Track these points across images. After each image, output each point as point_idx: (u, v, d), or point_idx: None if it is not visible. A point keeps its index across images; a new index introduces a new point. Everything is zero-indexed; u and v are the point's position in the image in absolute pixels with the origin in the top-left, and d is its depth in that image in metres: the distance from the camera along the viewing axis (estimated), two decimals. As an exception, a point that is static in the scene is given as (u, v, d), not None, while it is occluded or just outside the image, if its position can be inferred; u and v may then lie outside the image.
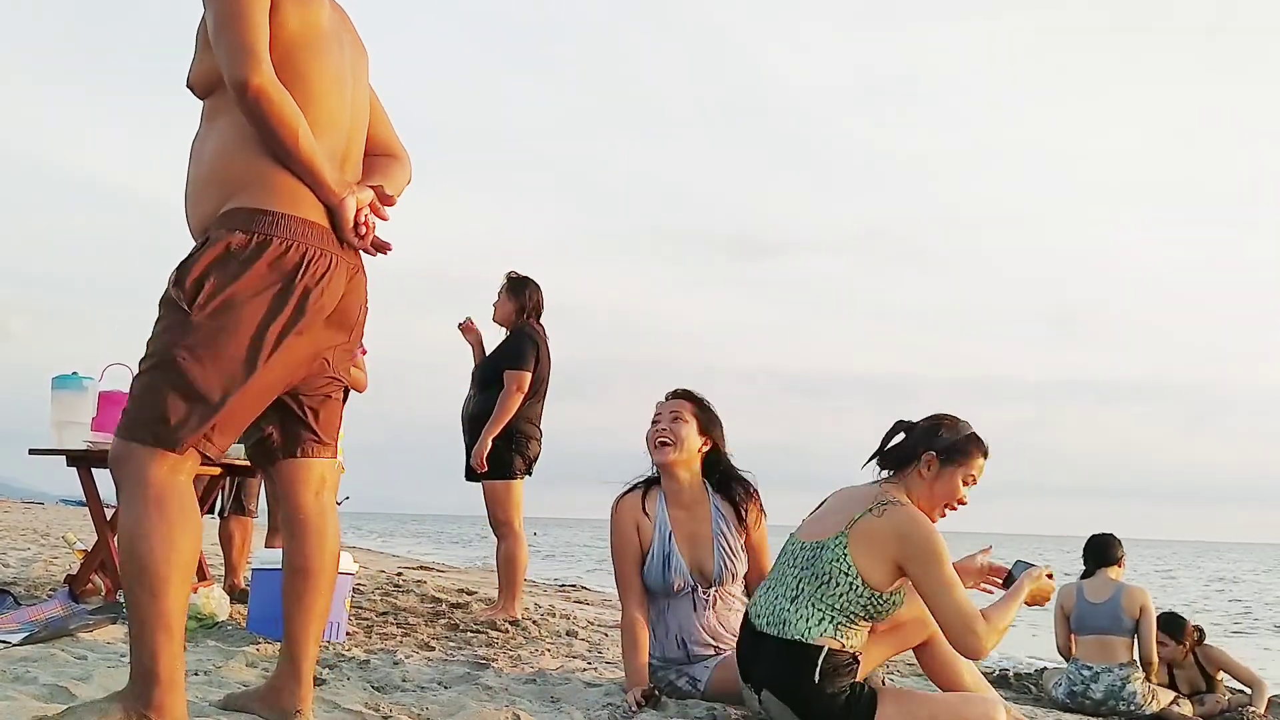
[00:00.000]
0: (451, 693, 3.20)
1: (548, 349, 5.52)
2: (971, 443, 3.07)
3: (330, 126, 2.38)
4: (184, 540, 2.18)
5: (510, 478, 5.39)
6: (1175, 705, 5.50)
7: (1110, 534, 5.82)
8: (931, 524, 2.97)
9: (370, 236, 2.39)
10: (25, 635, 3.51)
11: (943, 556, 2.89)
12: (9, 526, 13.99)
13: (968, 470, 3.06)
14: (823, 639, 2.92)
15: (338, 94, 2.40)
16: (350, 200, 2.34)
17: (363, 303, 2.48)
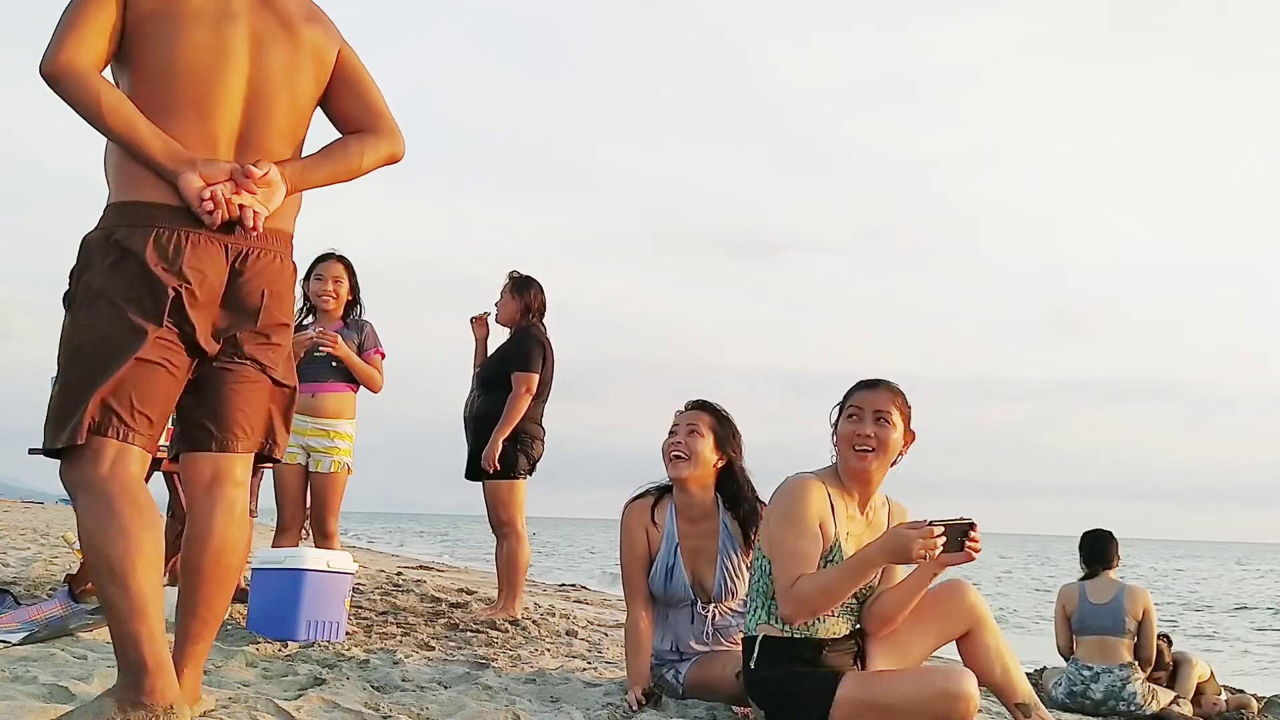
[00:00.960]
0: (451, 692, 3.20)
1: (552, 349, 5.51)
2: (845, 398, 3.13)
3: (194, 107, 2.35)
4: (141, 531, 2.21)
5: (514, 478, 5.39)
6: (1175, 705, 5.50)
7: (1106, 531, 5.83)
8: (790, 485, 3.05)
9: (219, 213, 2.30)
10: (25, 635, 3.51)
11: (784, 518, 2.99)
12: (9, 526, 13.99)
13: (848, 407, 3.09)
14: (759, 628, 3.04)
15: (207, 72, 2.36)
16: (190, 176, 2.29)
17: (268, 287, 2.41)
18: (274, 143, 2.45)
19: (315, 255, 5.14)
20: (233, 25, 2.40)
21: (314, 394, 4.95)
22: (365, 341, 5.09)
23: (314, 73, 2.52)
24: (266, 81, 2.44)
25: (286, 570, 4.07)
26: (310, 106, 2.54)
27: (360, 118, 2.58)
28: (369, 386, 5.11)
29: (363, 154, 2.55)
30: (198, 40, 2.36)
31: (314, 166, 2.49)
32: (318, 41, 2.53)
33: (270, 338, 2.47)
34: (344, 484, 5.09)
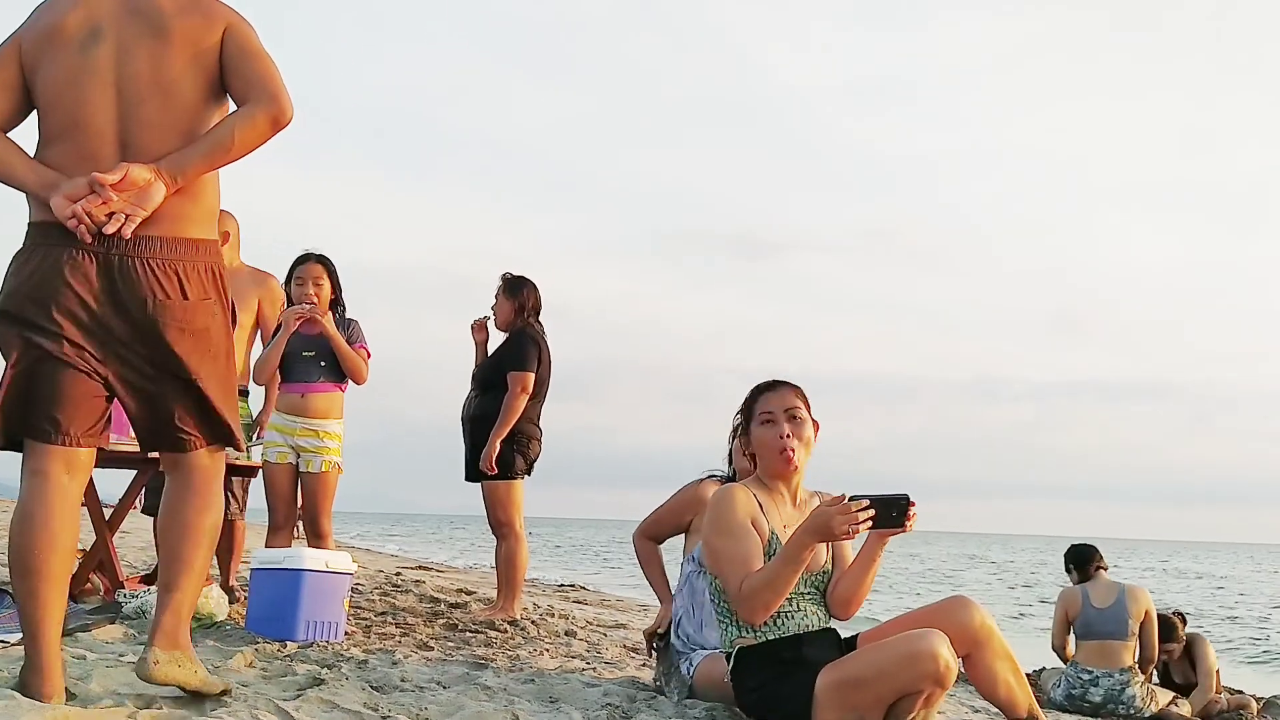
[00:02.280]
0: (450, 693, 3.20)
1: (548, 349, 5.51)
2: (751, 393, 3.17)
3: (70, 130, 2.52)
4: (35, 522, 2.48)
5: (511, 478, 5.39)
6: (1174, 706, 5.51)
7: (1088, 544, 5.91)
8: (718, 496, 3.08)
9: (84, 223, 2.42)
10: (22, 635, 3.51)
11: (715, 524, 3.03)
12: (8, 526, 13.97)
13: (759, 414, 3.11)
14: (734, 641, 3.07)
15: (74, 96, 2.52)
16: (56, 199, 2.43)
17: (153, 298, 2.50)
18: (156, 143, 2.53)
19: (294, 257, 5.12)
20: (98, 43, 2.54)
21: (303, 394, 4.94)
22: (351, 338, 5.07)
23: (192, 61, 2.58)
24: (135, 85, 2.54)
25: (285, 570, 4.06)
26: (195, 94, 2.59)
27: (242, 91, 2.61)
28: (354, 377, 5.07)
29: (233, 130, 2.56)
30: (64, 67, 2.53)
31: (187, 155, 2.53)
32: (192, 30, 2.59)
33: (174, 347, 2.54)
34: (335, 483, 5.08)
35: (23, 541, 2.47)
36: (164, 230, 2.52)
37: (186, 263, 2.55)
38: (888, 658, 2.80)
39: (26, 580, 2.47)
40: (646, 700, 3.37)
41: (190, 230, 2.57)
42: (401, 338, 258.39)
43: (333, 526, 5.16)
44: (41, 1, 2.66)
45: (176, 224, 2.54)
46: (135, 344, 2.53)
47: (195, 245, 2.58)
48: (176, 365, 2.56)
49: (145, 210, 2.45)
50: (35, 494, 2.50)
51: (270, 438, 4.95)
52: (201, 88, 2.60)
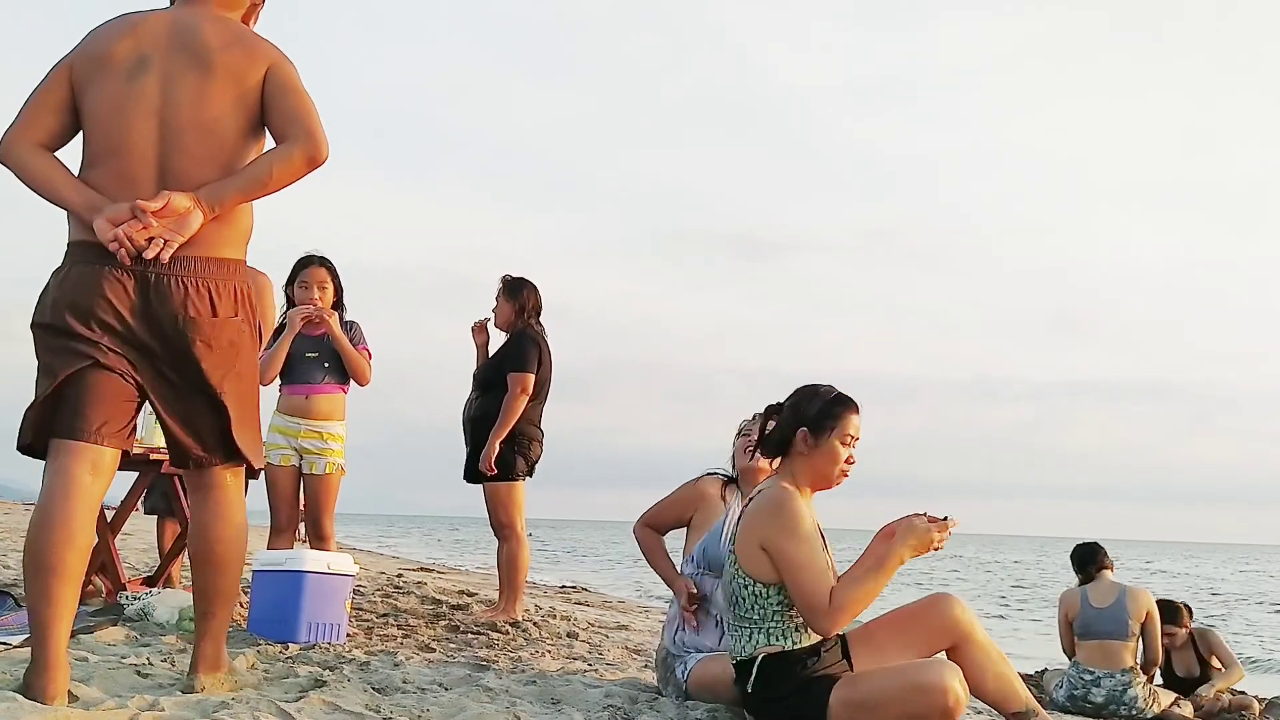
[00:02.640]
0: (452, 694, 3.20)
1: (549, 350, 5.51)
2: (838, 404, 3.08)
3: (112, 154, 2.64)
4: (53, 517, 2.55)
5: (512, 479, 5.39)
6: (1176, 707, 5.50)
7: (1094, 543, 5.89)
8: (780, 502, 2.99)
9: (125, 247, 2.54)
10: (26, 637, 3.51)
11: (787, 533, 2.94)
12: (9, 528, 13.98)
13: (843, 432, 3.06)
14: (758, 650, 2.99)
15: (119, 121, 2.64)
16: (98, 221, 2.56)
17: (182, 314, 2.61)
18: (194, 170, 2.65)
19: (297, 258, 5.12)
20: (144, 72, 2.66)
21: (307, 396, 4.95)
22: (352, 340, 5.08)
23: (234, 95, 2.70)
24: (178, 116, 2.66)
25: (287, 572, 4.06)
26: (236, 127, 2.71)
27: (281, 128, 2.72)
28: (357, 377, 5.08)
29: (271, 165, 2.68)
30: (111, 93, 2.65)
31: (225, 186, 2.64)
32: (236, 65, 2.70)
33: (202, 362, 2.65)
34: (338, 485, 5.08)
35: (40, 538, 2.53)
36: (198, 250, 2.63)
37: (218, 281, 2.67)
38: (900, 685, 2.83)
39: (41, 577, 2.51)
40: (648, 701, 3.37)
41: (222, 251, 2.69)
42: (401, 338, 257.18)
43: (335, 528, 5.17)
44: (92, 28, 2.77)
45: (210, 245, 2.65)
46: (166, 358, 2.64)
47: (226, 265, 2.70)
48: (202, 380, 2.67)
49: (182, 237, 2.57)
50: (57, 491, 2.57)
51: (273, 440, 4.95)
52: (241, 121, 2.71)
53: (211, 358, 2.66)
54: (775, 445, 3.14)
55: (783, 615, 2.99)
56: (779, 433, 3.13)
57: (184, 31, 2.71)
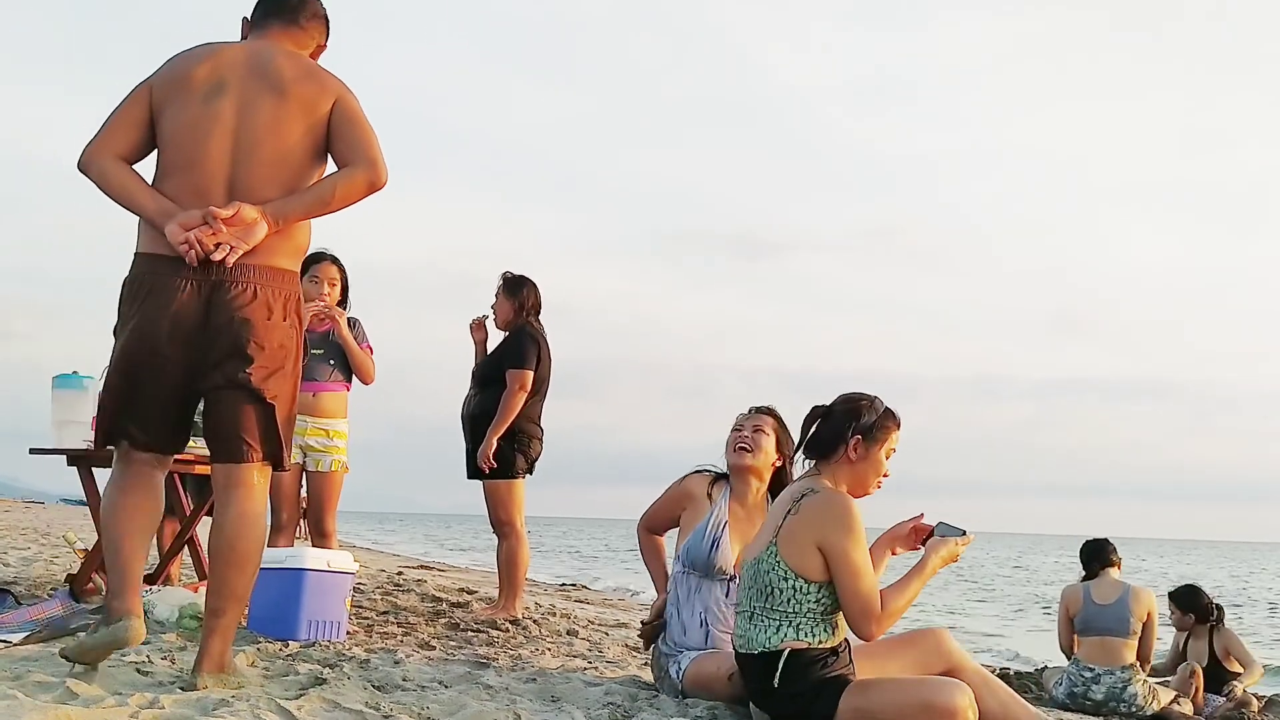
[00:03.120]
0: (452, 692, 3.20)
1: (548, 348, 5.51)
2: (889, 418, 3.18)
3: (186, 167, 2.88)
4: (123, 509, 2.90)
5: (512, 477, 5.39)
6: (1175, 705, 5.51)
7: (1103, 539, 5.88)
8: (847, 507, 3.03)
9: (194, 251, 2.77)
10: (26, 635, 3.51)
11: (853, 539, 2.97)
12: (10, 526, 13.99)
13: (888, 445, 3.17)
14: (784, 643, 3.01)
15: (194, 137, 2.88)
16: (171, 226, 2.79)
17: (238, 314, 2.84)
18: (261, 187, 2.88)
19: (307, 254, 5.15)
20: (222, 96, 2.91)
21: (314, 393, 4.97)
22: (356, 337, 5.11)
23: (304, 122, 2.95)
24: (251, 136, 2.90)
25: (287, 570, 4.06)
26: (303, 151, 2.95)
27: (345, 155, 2.98)
28: (362, 376, 5.12)
29: (335, 187, 2.94)
30: (189, 114, 2.89)
31: (291, 203, 2.90)
32: (308, 96, 2.96)
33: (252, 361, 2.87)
34: (341, 483, 5.11)
35: (114, 521, 2.90)
36: (257, 260, 2.86)
37: (274, 288, 2.90)
38: (908, 701, 2.86)
39: (118, 541, 2.88)
40: (648, 699, 3.38)
41: (279, 261, 2.93)
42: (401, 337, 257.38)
43: (336, 525, 5.18)
44: (176, 53, 3.03)
45: (268, 255, 2.89)
46: (221, 358, 2.86)
47: (282, 274, 2.94)
48: (249, 379, 2.87)
49: (248, 245, 2.81)
50: (127, 485, 2.92)
51: None
52: (308, 146, 2.96)
53: (262, 357, 2.87)
54: (824, 447, 3.17)
55: (816, 613, 3.01)
56: (830, 436, 3.16)
57: (261, 61, 2.97)
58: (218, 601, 2.89)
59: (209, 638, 2.89)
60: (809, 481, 3.14)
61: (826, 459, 3.15)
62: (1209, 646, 6.05)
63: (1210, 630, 6.10)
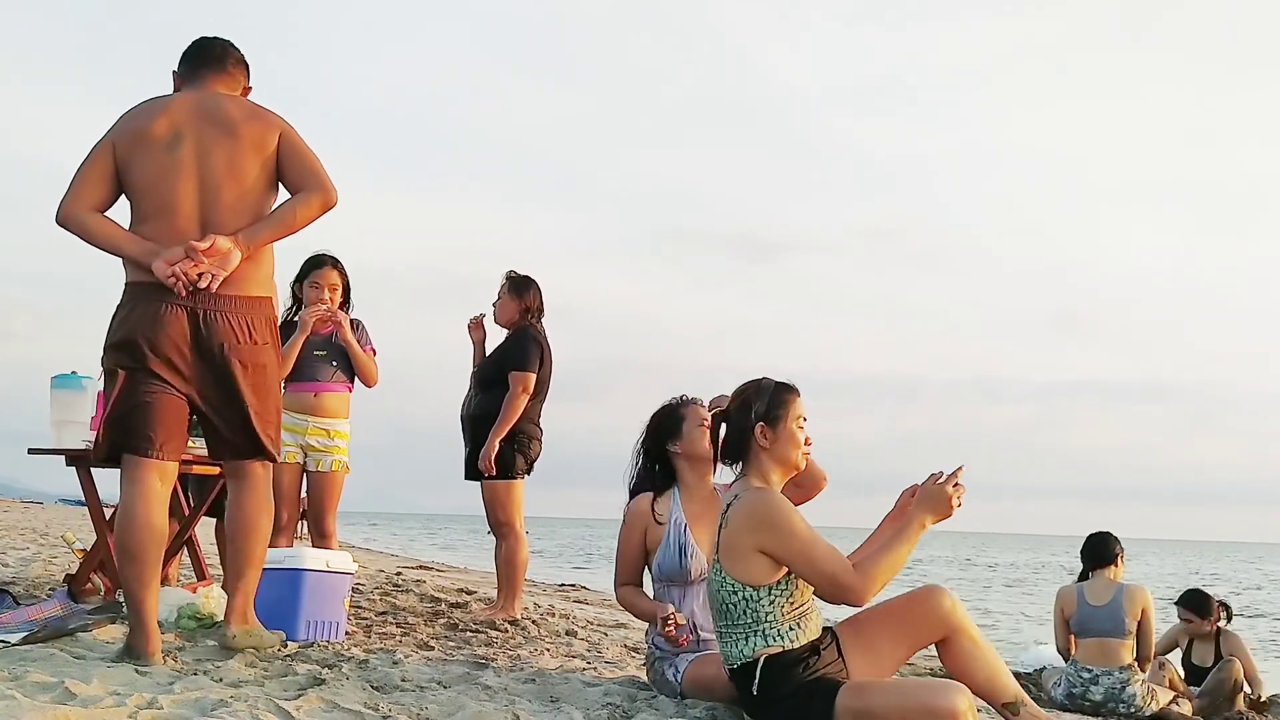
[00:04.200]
0: (451, 692, 3.20)
1: (550, 349, 5.49)
2: (782, 391, 3.15)
3: (161, 212, 3.25)
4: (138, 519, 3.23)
5: (511, 478, 5.37)
6: (1175, 705, 5.51)
7: (1107, 533, 5.83)
8: (768, 502, 3.00)
9: (180, 281, 3.16)
10: (24, 635, 3.51)
11: (789, 527, 2.95)
12: (8, 526, 13.98)
13: (794, 415, 3.13)
14: (757, 652, 2.99)
15: (164, 186, 3.25)
16: (157, 262, 3.17)
17: (226, 343, 3.26)
18: (229, 220, 3.27)
19: (307, 256, 5.15)
20: (181, 145, 3.27)
21: (316, 394, 4.98)
22: (360, 339, 5.12)
23: (257, 160, 3.33)
24: (212, 178, 3.28)
25: (286, 570, 4.06)
26: (259, 184, 3.34)
27: (297, 182, 3.38)
28: (366, 380, 5.13)
29: (295, 210, 3.36)
30: (155, 164, 3.26)
31: (258, 229, 3.30)
32: (256, 135, 3.34)
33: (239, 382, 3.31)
34: (342, 483, 5.12)
35: (127, 536, 3.23)
36: (236, 290, 3.27)
37: (253, 315, 3.33)
38: (908, 704, 2.83)
39: (132, 565, 3.23)
40: (647, 700, 3.37)
41: (254, 290, 3.35)
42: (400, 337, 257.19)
43: (336, 526, 5.18)
44: (128, 110, 3.37)
45: (245, 286, 3.30)
46: (210, 376, 3.29)
47: (259, 301, 3.37)
48: (236, 393, 3.32)
49: (226, 271, 3.20)
50: (136, 498, 3.25)
51: None
52: (263, 179, 3.35)
53: (247, 376, 3.32)
54: (736, 448, 3.16)
55: (776, 615, 2.98)
56: (736, 435, 3.15)
57: (209, 109, 3.34)
58: (237, 567, 3.45)
59: (233, 597, 3.45)
60: (736, 486, 3.12)
61: (745, 458, 3.14)
62: (1215, 647, 6.06)
63: (1217, 631, 6.11)
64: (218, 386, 3.30)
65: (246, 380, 3.32)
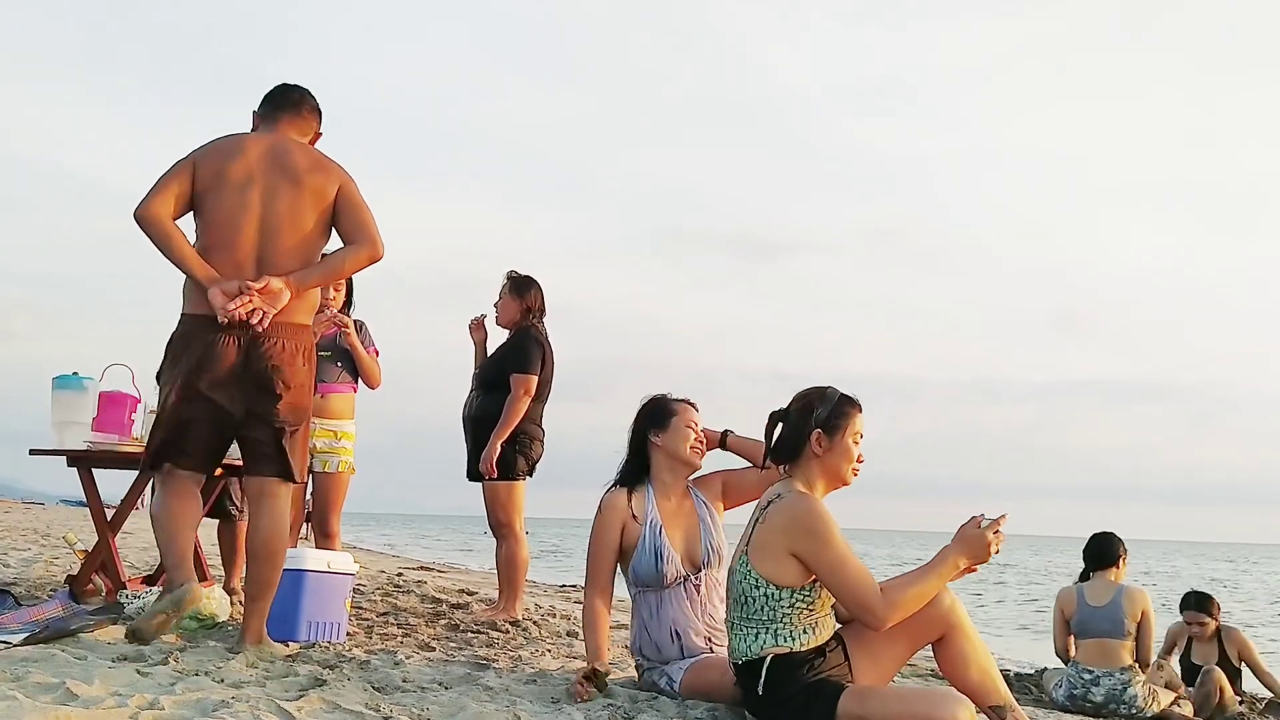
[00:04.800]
0: (452, 693, 3.20)
1: (551, 350, 5.48)
2: (846, 404, 3.15)
3: (226, 246, 3.54)
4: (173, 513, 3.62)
5: (513, 479, 5.37)
6: (1175, 706, 5.51)
7: (1111, 533, 5.83)
8: (810, 509, 2.99)
9: (230, 316, 3.42)
10: (26, 635, 3.51)
11: (827, 537, 2.94)
12: (10, 526, 13.99)
13: (853, 430, 3.13)
14: (765, 650, 2.99)
15: (232, 223, 3.55)
16: (213, 291, 3.44)
17: (271, 364, 3.54)
18: (284, 261, 3.57)
19: None
20: (252, 188, 3.57)
21: (321, 395, 5.00)
22: (363, 340, 5.14)
23: (316, 208, 3.63)
24: (274, 222, 3.58)
25: (287, 571, 4.05)
26: (314, 231, 3.64)
27: (350, 234, 3.68)
28: (369, 381, 5.15)
29: (344, 261, 3.71)
30: (227, 202, 3.56)
31: (309, 274, 3.60)
32: (318, 185, 3.64)
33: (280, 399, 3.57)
34: (347, 483, 5.13)
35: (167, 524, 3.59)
36: (284, 318, 3.55)
37: (296, 340, 3.62)
38: (908, 712, 2.83)
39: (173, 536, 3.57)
40: (648, 700, 3.37)
41: (298, 318, 3.64)
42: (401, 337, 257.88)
43: (340, 526, 5.19)
44: (213, 139, 3.67)
45: (290, 314, 3.58)
46: (254, 395, 3.55)
47: (301, 329, 3.67)
48: (274, 412, 3.58)
49: (275, 309, 3.49)
50: (175, 499, 3.62)
51: None
52: (318, 227, 3.65)
53: (289, 395, 3.60)
54: (789, 449, 3.15)
55: (792, 617, 2.99)
56: (792, 437, 3.14)
57: (278, 155, 3.64)
58: (254, 590, 3.63)
59: (249, 618, 3.63)
60: (779, 486, 3.11)
61: (794, 461, 3.14)
62: (1219, 646, 6.07)
63: (1218, 631, 6.12)
64: (258, 405, 3.56)
65: (286, 399, 3.58)
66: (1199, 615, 6.11)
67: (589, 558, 3.71)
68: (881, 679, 3.06)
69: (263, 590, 3.64)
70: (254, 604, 3.65)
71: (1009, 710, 3.04)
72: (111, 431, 4.60)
